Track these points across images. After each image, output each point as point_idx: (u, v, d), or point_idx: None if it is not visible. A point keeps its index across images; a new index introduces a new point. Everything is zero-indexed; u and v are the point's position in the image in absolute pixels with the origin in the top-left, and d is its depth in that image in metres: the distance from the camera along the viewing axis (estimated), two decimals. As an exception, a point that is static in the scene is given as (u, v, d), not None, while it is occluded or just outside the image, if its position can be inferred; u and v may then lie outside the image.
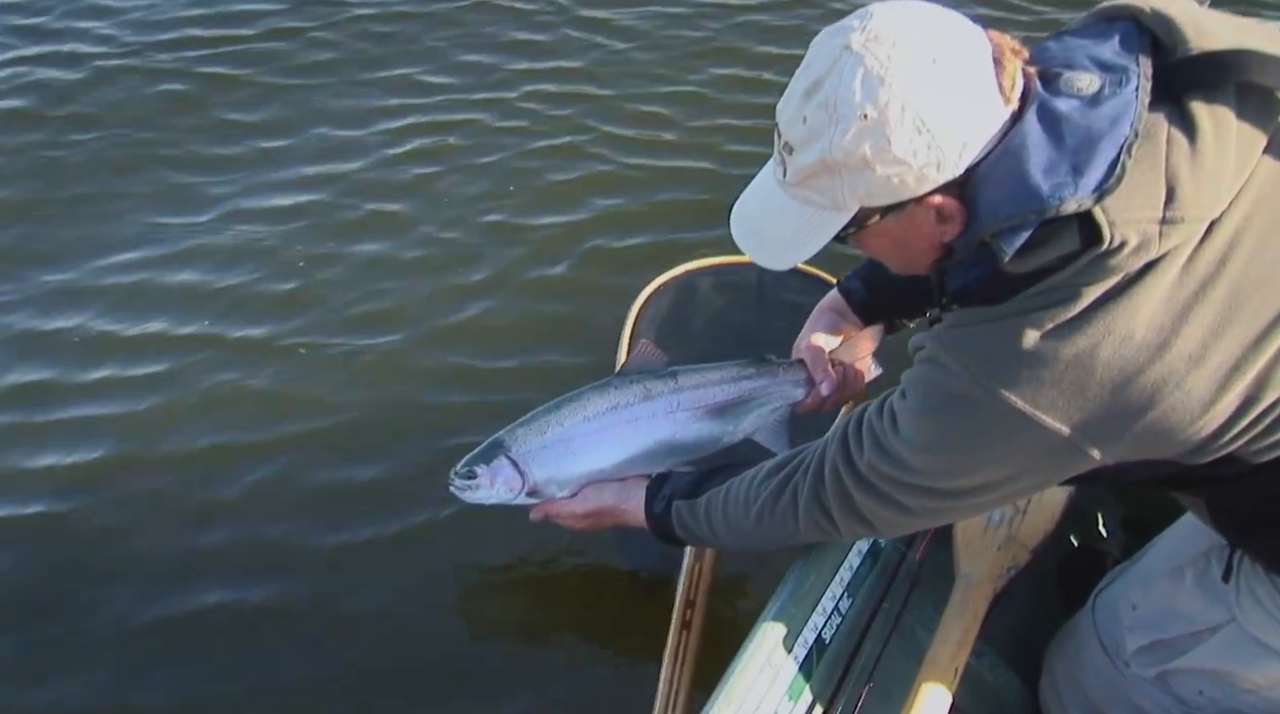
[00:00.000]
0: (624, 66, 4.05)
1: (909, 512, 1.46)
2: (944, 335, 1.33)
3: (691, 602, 1.94)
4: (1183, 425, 1.22)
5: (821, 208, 1.30)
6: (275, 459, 2.57)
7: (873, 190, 1.24)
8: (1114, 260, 1.17)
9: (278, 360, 2.84)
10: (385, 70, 3.98)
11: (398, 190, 3.44)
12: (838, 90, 1.21)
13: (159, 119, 3.71)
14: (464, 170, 3.52)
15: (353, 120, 3.74)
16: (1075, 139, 1.18)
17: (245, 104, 3.79)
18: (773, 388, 1.98)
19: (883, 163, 1.21)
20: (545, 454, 1.93)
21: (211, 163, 3.54)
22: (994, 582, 1.85)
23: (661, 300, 2.41)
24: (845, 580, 1.78)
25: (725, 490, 1.74)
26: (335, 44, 4.09)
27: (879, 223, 1.29)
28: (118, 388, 2.78)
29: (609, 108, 3.82)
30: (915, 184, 1.22)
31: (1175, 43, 1.22)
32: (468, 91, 3.90)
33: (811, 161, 1.25)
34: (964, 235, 1.27)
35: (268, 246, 3.21)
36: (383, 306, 3.01)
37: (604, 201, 3.40)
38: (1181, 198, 1.16)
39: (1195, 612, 1.59)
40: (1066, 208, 1.16)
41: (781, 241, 1.36)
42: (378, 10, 4.28)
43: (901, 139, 1.19)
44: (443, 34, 4.19)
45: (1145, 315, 1.18)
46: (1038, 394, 1.23)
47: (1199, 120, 1.18)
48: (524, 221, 3.32)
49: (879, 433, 1.42)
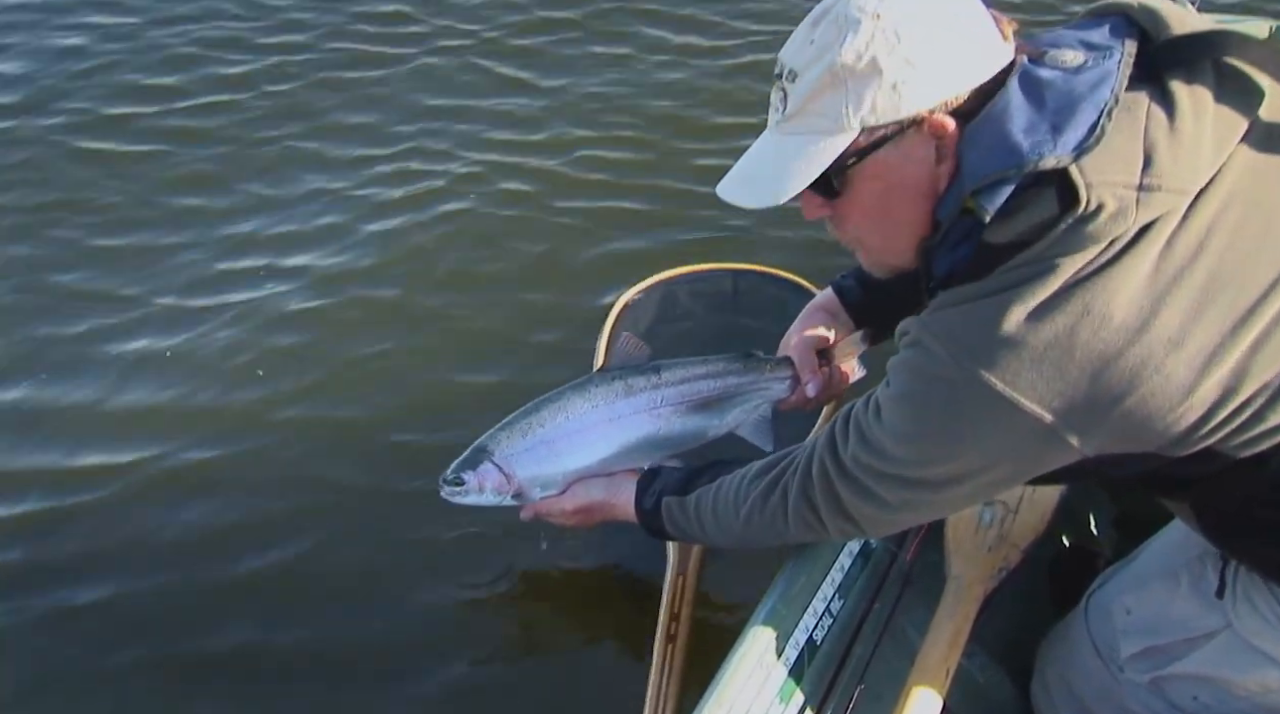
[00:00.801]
0: (592, 85, 3.99)
1: (889, 506, 1.45)
2: (927, 319, 1.32)
3: (676, 615, 1.93)
4: (1162, 412, 1.21)
5: (821, 134, 1.29)
6: (249, 473, 2.56)
7: (879, 102, 1.25)
8: (1091, 227, 1.18)
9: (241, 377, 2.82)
10: (358, 116, 3.88)
11: (368, 210, 3.41)
12: (848, 6, 1.26)
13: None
14: (436, 186, 3.49)
15: (335, 155, 3.68)
16: (1056, 102, 1.22)
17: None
18: (758, 384, 1.97)
19: (892, 65, 1.23)
20: (529, 456, 1.93)
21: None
22: (985, 582, 1.84)
23: (636, 311, 2.41)
24: (836, 582, 1.77)
25: (716, 488, 1.73)
26: (290, 93, 3.97)
27: (877, 155, 1.29)
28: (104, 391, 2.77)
29: (588, 122, 3.79)
30: (923, 94, 1.25)
31: (1159, 31, 1.27)
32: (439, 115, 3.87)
33: (818, 76, 1.27)
34: (948, 198, 1.29)
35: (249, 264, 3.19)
36: (359, 319, 2.99)
37: (574, 215, 3.36)
38: (1158, 166, 1.18)
39: (1190, 617, 1.58)
40: (1045, 163, 1.19)
41: (774, 178, 1.34)
42: (332, 57, 4.16)
43: (912, 37, 1.23)
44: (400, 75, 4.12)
45: (1124, 297, 1.18)
46: (1017, 376, 1.22)
47: (1178, 98, 1.21)
48: (496, 235, 3.29)
49: (863, 423, 1.42)
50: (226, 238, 3.27)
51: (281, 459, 2.57)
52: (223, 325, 2.94)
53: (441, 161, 3.58)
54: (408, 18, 4.37)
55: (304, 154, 3.62)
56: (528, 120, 3.79)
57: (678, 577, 1.97)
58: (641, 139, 3.70)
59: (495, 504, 1.97)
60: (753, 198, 1.37)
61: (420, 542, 2.37)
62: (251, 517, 2.44)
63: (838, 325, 1.97)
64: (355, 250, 3.20)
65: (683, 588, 1.96)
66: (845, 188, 1.33)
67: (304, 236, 3.27)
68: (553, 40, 4.20)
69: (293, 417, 2.68)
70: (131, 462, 2.56)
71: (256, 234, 3.29)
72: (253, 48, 4.16)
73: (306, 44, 4.18)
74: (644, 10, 4.34)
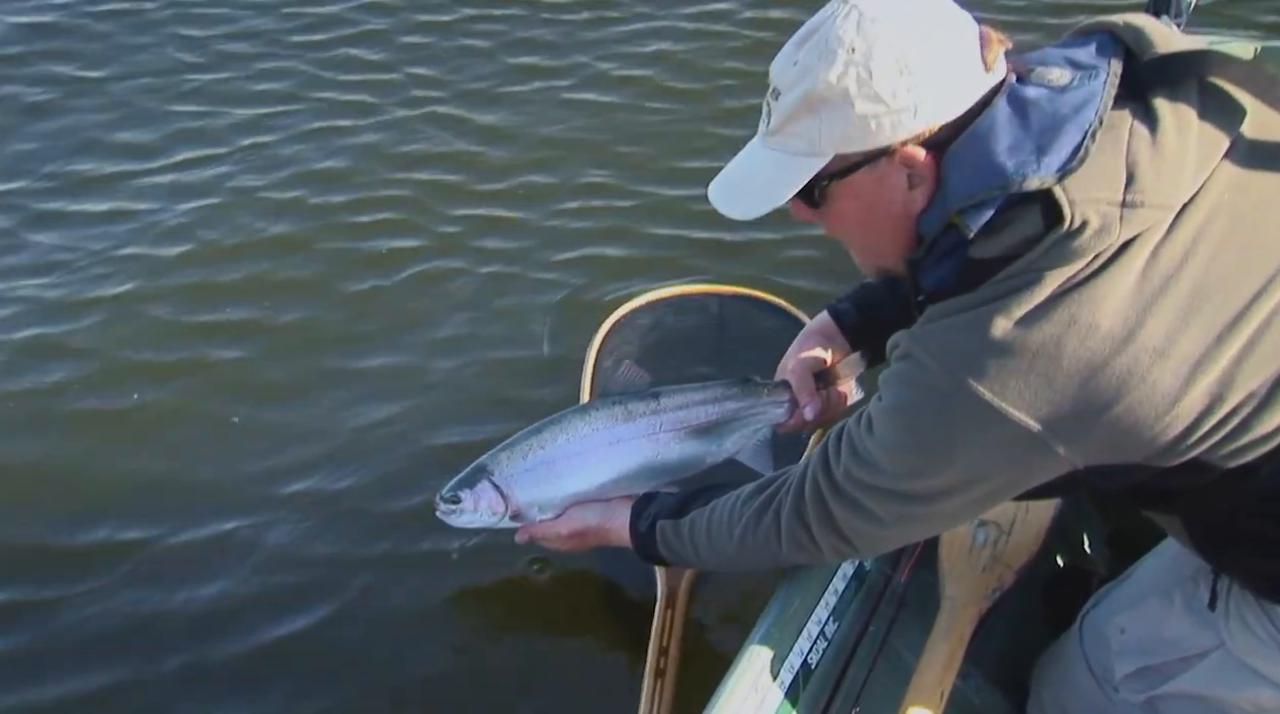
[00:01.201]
0: (570, 107, 3.96)
1: (880, 522, 1.45)
2: (917, 332, 1.34)
3: (665, 649, 1.93)
4: (1149, 420, 1.22)
5: (798, 154, 1.33)
6: (244, 496, 2.55)
7: (849, 132, 1.28)
8: (1076, 242, 1.19)
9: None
10: (327, 162, 3.77)
11: (346, 232, 3.39)
12: (831, 31, 1.28)
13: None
14: (418, 208, 3.47)
15: (315, 170, 3.66)
16: (1041, 122, 1.24)
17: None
18: (756, 408, 1.98)
19: (862, 99, 1.25)
20: (528, 477, 1.93)
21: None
22: (979, 603, 1.84)
23: (622, 333, 2.41)
24: (830, 605, 1.77)
25: (710, 511, 1.73)
26: (264, 145, 3.83)
27: (851, 178, 1.32)
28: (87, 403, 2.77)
29: (571, 146, 3.76)
30: (891, 130, 1.27)
31: (1144, 49, 1.29)
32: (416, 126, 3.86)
33: (796, 99, 1.30)
34: (931, 213, 1.31)
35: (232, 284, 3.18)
36: (345, 337, 2.98)
37: (557, 238, 3.35)
38: (1141, 182, 1.19)
39: (1184, 637, 1.57)
40: (1029, 185, 1.21)
41: (754, 191, 1.39)
42: (302, 108, 3.99)
43: (884, 75, 1.24)
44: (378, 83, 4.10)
45: (1110, 307, 1.19)
46: (1005, 385, 1.24)
47: (1161, 115, 1.23)
48: (480, 260, 3.27)
49: (855, 438, 1.43)
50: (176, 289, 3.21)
51: (262, 524, 2.51)
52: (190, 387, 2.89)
53: (408, 210, 3.52)
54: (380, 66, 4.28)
55: (269, 203, 3.54)
56: (494, 166, 3.73)
57: (666, 610, 1.97)
58: (622, 166, 3.68)
59: (491, 525, 1.97)
60: (734, 208, 1.43)
61: (408, 561, 2.37)
62: (232, 576, 2.41)
63: (834, 348, 1.98)
64: (335, 310, 3.14)
65: (671, 622, 1.96)
66: (825, 202, 1.37)
67: (267, 291, 3.19)
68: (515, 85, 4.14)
69: (274, 472, 2.64)
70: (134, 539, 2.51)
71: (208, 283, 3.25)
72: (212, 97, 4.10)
73: (281, 93, 4.07)
74: (616, 55, 4.27)
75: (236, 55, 4.26)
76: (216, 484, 2.58)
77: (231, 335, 3.00)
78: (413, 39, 4.32)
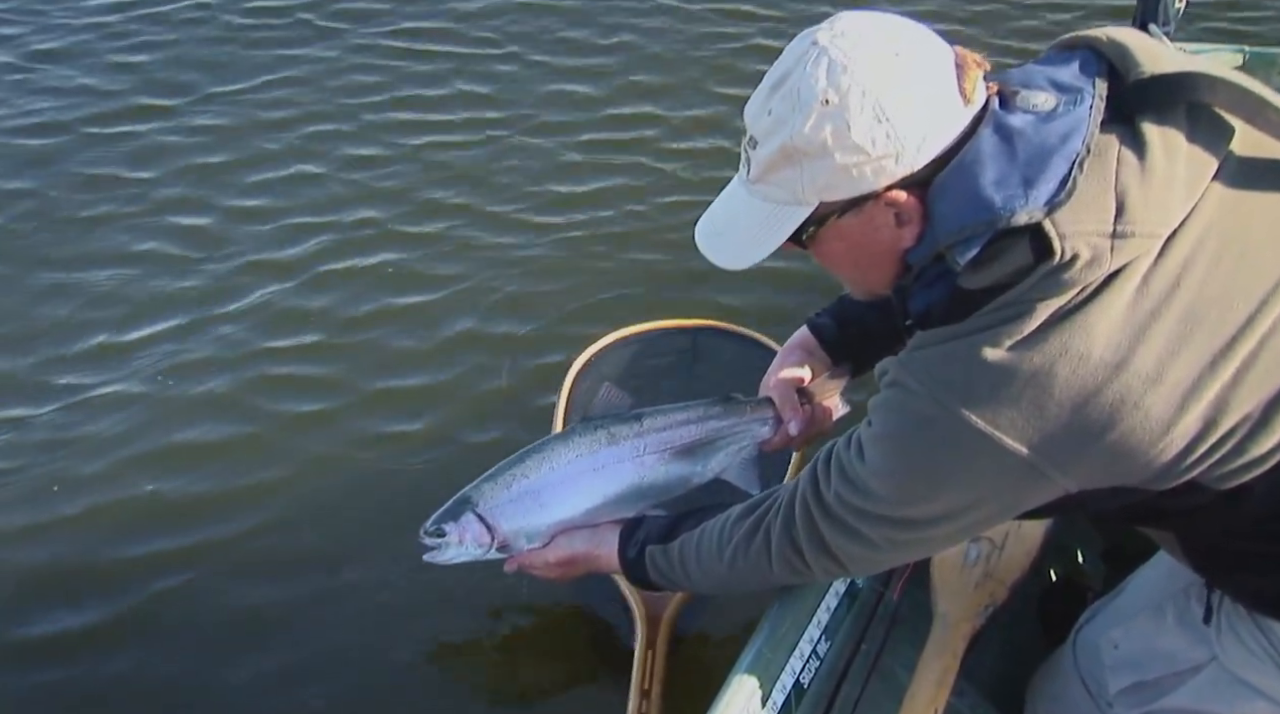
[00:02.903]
0: (543, 135, 3.92)
1: (873, 546, 1.44)
2: (906, 358, 1.33)
3: (646, 691, 1.91)
4: (1143, 447, 1.21)
5: (781, 203, 1.32)
6: (216, 532, 2.52)
7: (832, 181, 1.27)
8: (1067, 274, 1.19)
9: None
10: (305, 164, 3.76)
11: (316, 256, 3.34)
12: (802, 80, 1.25)
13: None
14: (388, 245, 3.41)
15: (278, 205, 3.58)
16: (1027, 153, 1.22)
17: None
18: (740, 427, 1.95)
19: (842, 150, 1.24)
20: (512, 507, 1.91)
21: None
22: (973, 619, 1.84)
23: (594, 372, 2.38)
24: (822, 623, 1.76)
25: (699, 533, 1.71)
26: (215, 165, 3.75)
27: (838, 222, 1.31)
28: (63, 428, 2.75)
29: (526, 175, 3.71)
30: (874, 177, 1.25)
31: (1129, 68, 1.26)
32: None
33: (774, 151, 1.28)
34: (919, 247, 1.30)
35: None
36: (300, 381, 2.93)
37: (527, 276, 3.28)
38: (1131, 212, 1.18)
39: (1177, 651, 1.57)
40: (1017, 219, 1.19)
41: (740, 241, 1.38)
42: (279, 120, 3.96)
43: (861, 125, 1.22)
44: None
45: (1102, 333, 1.19)
46: (997, 413, 1.23)
47: (1149, 140, 1.21)
48: (448, 299, 3.20)
49: (845, 462, 1.41)
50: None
51: (228, 547, 2.50)
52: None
53: (372, 227, 3.49)
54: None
55: (237, 216, 3.51)
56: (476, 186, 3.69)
57: (646, 652, 1.94)
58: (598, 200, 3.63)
59: (477, 558, 1.93)
60: (721, 258, 1.42)
61: (387, 593, 2.35)
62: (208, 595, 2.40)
63: (815, 363, 1.96)
64: (304, 332, 3.09)
65: (651, 664, 1.94)
66: (812, 242, 1.36)
67: (233, 317, 3.14)
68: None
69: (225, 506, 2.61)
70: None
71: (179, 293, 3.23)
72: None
73: (227, 127, 3.95)
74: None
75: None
76: (163, 511, 2.58)
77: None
78: (344, 78, 4.22)
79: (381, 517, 2.49)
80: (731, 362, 2.37)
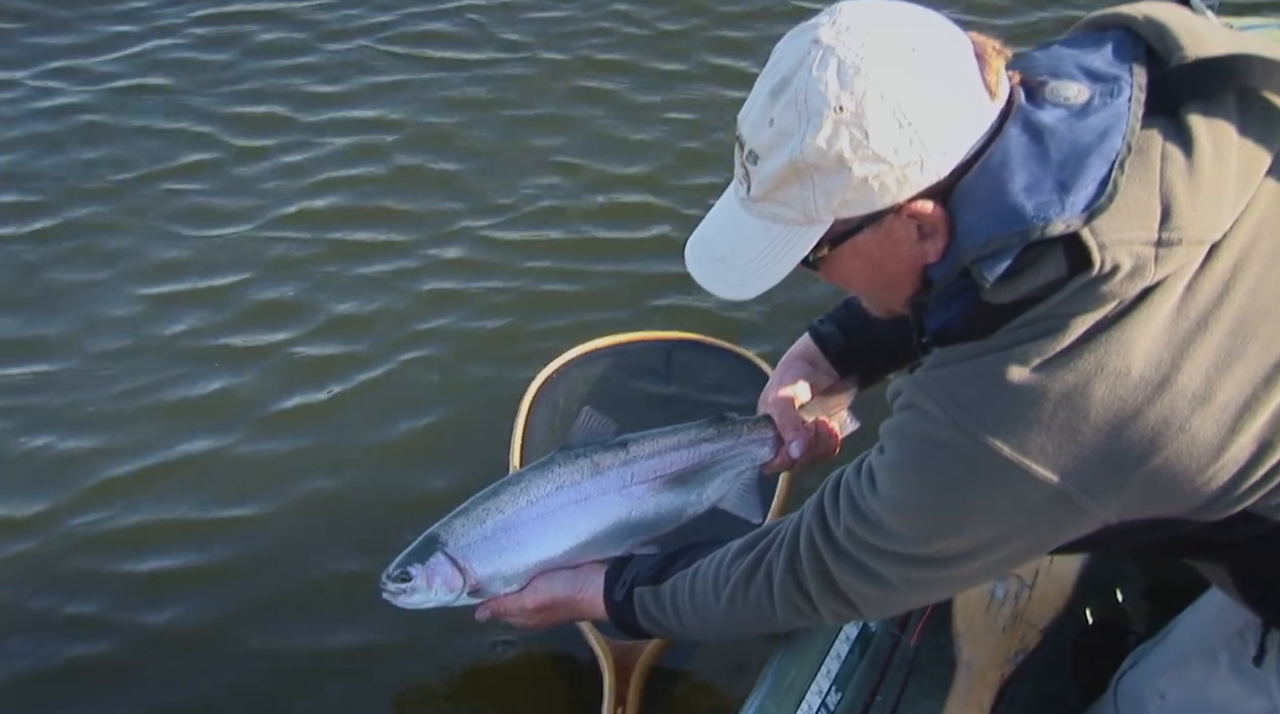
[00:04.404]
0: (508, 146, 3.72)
1: (889, 585, 1.37)
2: (922, 378, 1.26)
3: None
4: (1190, 474, 1.16)
5: (790, 223, 1.24)
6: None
7: (849, 196, 1.18)
8: (1106, 287, 1.12)
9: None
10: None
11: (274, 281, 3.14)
12: (808, 84, 1.16)
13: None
14: (338, 259, 3.18)
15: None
16: (1061, 153, 1.15)
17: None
18: (737, 449, 1.87)
19: (860, 161, 1.15)
20: (487, 546, 1.81)
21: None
22: (1001, 668, 1.78)
23: (554, 393, 2.28)
24: (832, 672, 1.70)
25: (693, 573, 1.65)
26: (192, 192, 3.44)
27: (854, 240, 1.23)
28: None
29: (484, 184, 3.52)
30: (896, 188, 1.17)
31: (1170, 51, 1.20)
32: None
33: (779, 167, 1.20)
34: (943, 262, 1.23)
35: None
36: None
37: (472, 288, 3.05)
38: (1178, 217, 1.12)
39: (1232, 700, 1.49)
40: (1053, 229, 1.12)
41: (744, 268, 1.30)
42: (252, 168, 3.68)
43: (881, 132, 1.14)
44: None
45: (1142, 349, 1.13)
46: (1025, 439, 1.16)
47: (1196, 134, 1.15)
48: (381, 319, 2.97)
49: (855, 494, 1.35)
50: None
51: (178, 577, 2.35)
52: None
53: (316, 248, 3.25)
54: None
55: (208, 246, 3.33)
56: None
57: (615, 710, 1.84)
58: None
59: (447, 604, 1.83)
60: (723, 288, 1.34)
61: (351, 640, 2.19)
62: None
63: (819, 375, 1.89)
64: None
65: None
66: (824, 263, 1.29)
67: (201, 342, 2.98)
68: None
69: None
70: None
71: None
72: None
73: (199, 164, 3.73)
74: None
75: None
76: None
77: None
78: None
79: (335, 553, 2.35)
80: (710, 379, 2.25)
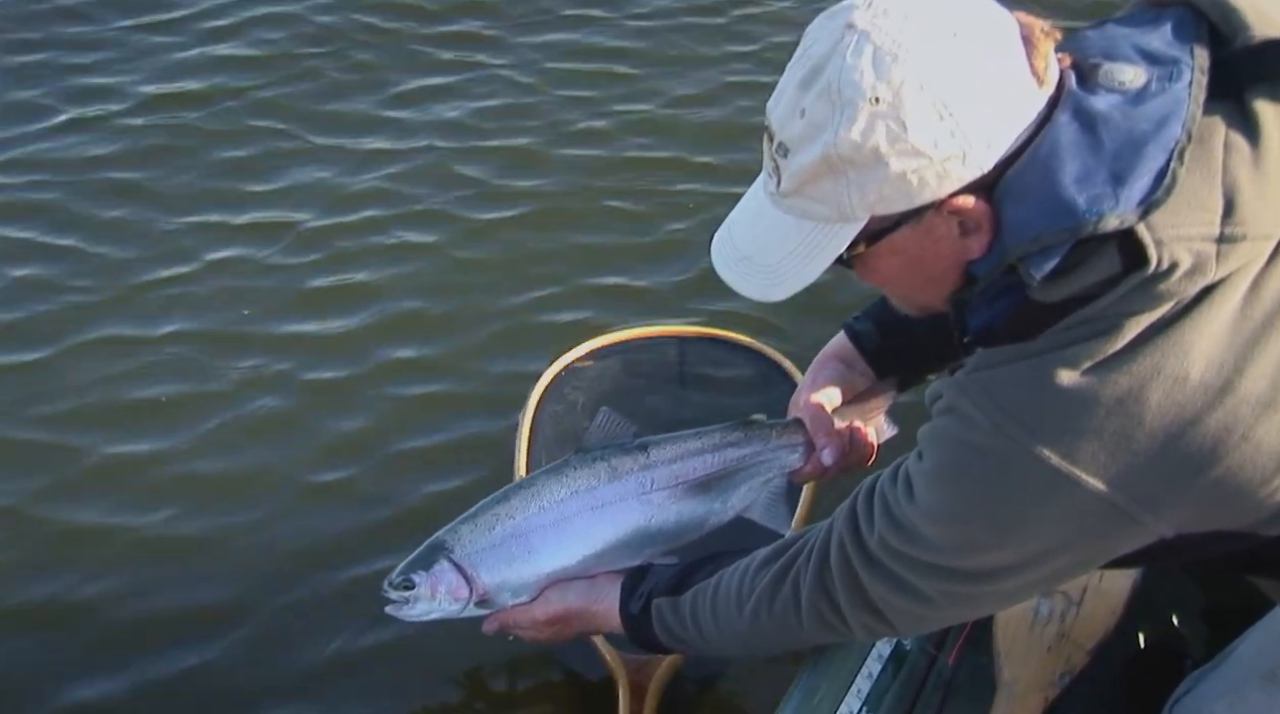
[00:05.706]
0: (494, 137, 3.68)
1: (927, 600, 1.33)
2: (964, 381, 1.23)
3: None
4: (1253, 485, 1.14)
5: (823, 221, 1.20)
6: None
7: (886, 192, 1.15)
8: (1163, 285, 1.09)
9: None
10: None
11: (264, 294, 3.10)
12: (841, 73, 1.12)
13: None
14: (334, 256, 3.10)
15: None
16: (1115, 143, 1.11)
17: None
18: (765, 455, 1.82)
19: (898, 156, 1.12)
20: (495, 554, 1.77)
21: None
22: (1044, 690, 1.73)
23: (561, 388, 2.25)
24: (863, 692, 1.67)
25: (715, 584, 1.61)
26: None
27: (891, 238, 1.20)
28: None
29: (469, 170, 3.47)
30: (936, 183, 1.13)
31: (1235, 30, 1.16)
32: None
33: (812, 161, 1.16)
34: (987, 258, 1.18)
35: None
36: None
37: (468, 281, 3.00)
38: (1242, 211, 1.09)
39: None
40: (1106, 224, 1.08)
41: (774, 268, 1.27)
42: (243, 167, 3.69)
43: (920, 125, 1.10)
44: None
45: (1202, 352, 1.10)
46: (1075, 446, 1.13)
47: (1263, 121, 1.12)
48: (379, 316, 2.92)
49: (891, 502, 1.32)
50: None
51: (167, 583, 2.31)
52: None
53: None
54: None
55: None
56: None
57: None
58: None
59: (453, 615, 1.78)
60: (753, 289, 1.30)
61: (348, 654, 2.14)
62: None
63: (854, 376, 1.84)
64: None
65: None
66: (859, 261, 1.25)
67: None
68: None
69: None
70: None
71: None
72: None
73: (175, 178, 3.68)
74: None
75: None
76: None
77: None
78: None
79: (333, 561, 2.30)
80: (726, 376, 2.22)
